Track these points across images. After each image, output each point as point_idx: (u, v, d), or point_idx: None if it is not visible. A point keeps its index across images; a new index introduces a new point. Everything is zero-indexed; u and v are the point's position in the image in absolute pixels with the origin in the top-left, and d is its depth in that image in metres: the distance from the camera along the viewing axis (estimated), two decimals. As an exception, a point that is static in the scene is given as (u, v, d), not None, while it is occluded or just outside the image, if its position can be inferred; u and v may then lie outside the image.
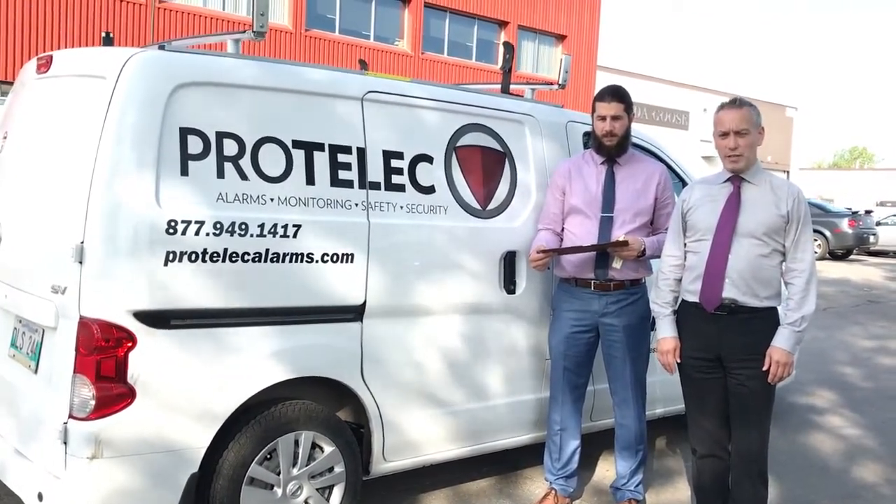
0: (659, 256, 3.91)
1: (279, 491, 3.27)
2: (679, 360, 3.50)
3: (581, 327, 3.94)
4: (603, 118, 3.87)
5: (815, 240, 20.96)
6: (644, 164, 4.00)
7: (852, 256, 23.07)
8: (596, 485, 4.45)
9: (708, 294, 3.37)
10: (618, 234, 3.82)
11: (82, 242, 2.84)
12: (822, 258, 21.47)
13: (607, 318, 3.91)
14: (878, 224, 23.97)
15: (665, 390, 4.57)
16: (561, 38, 29.14)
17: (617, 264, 3.83)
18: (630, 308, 3.91)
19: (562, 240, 3.98)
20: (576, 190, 3.93)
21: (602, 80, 31.38)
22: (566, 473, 4.08)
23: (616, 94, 3.89)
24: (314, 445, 3.37)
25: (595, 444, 4.67)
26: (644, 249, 3.81)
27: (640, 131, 4.92)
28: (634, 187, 3.90)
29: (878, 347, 9.02)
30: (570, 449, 4.05)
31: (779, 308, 3.42)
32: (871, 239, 22.46)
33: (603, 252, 3.84)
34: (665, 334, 3.54)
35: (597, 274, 3.88)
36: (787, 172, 43.51)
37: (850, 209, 23.95)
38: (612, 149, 3.89)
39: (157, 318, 2.92)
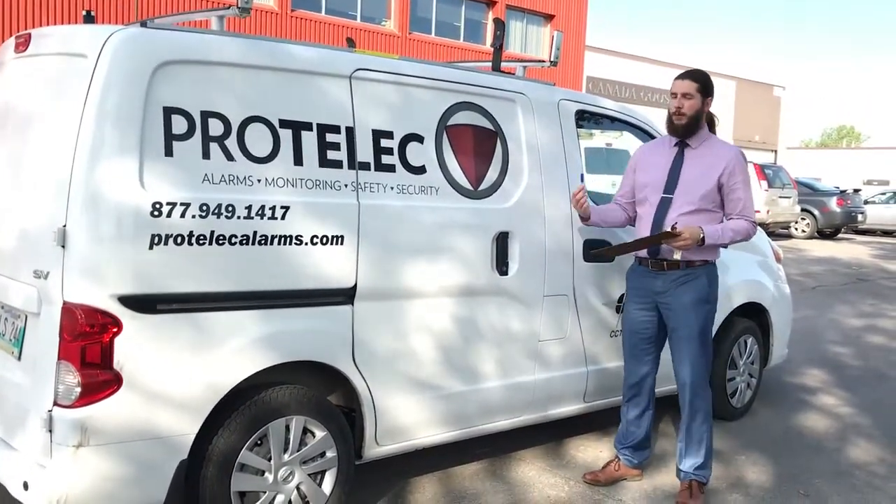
0: (726, 244, 3.97)
1: (270, 477, 3.23)
2: None
3: (641, 306, 4.04)
4: (675, 95, 3.89)
5: (804, 218, 21.35)
6: (716, 148, 3.95)
7: (840, 235, 23.18)
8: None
9: None
10: (671, 219, 3.84)
11: (65, 226, 2.77)
12: (810, 237, 21.58)
13: (662, 297, 3.96)
14: (866, 202, 24.08)
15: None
16: (549, 17, 29.00)
17: (677, 255, 3.85)
18: (684, 288, 3.90)
19: (628, 218, 4.17)
20: (645, 171, 4.04)
21: (590, 60, 31.35)
22: (630, 444, 4.19)
23: (692, 74, 3.93)
24: (305, 430, 3.32)
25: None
26: (703, 238, 3.77)
27: (632, 109, 4.89)
28: (699, 170, 3.89)
29: (867, 326, 9.05)
30: (634, 421, 4.16)
31: None
32: (860, 217, 22.57)
33: (656, 244, 3.88)
34: None
35: (650, 252, 3.95)
36: (775, 152, 43.64)
37: (838, 188, 24.02)
38: (681, 129, 3.90)
39: (143, 303, 2.86)
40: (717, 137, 4.01)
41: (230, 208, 3.02)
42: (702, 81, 3.88)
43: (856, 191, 23.55)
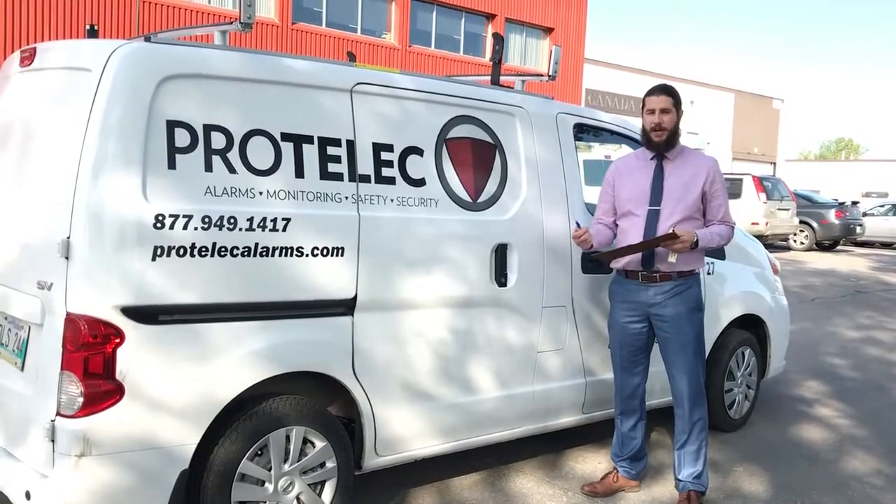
0: (714, 247, 4.06)
1: (270, 487, 3.24)
2: None
3: (632, 318, 4.04)
4: (652, 111, 3.94)
5: (802, 230, 21.38)
6: (694, 158, 4.03)
7: (839, 247, 23.19)
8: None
9: None
10: (665, 227, 3.87)
11: (68, 237, 2.80)
12: (809, 249, 21.60)
13: (655, 309, 3.98)
14: (865, 215, 24.11)
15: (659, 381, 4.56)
16: (548, 30, 29.11)
17: (672, 258, 3.88)
18: (677, 298, 3.96)
19: (615, 235, 4.12)
20: (625, 186, 4.06)
21: (589, 73, 31.43)
22: (627, 455, 4.21)
23: (665, 89, 3.99)
24: (305, 441, 3.34)
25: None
26: (697, 241, 3.85)
27: (630, 122, 4.93)
28: (682, 180, 3.95)
29: (865, 338, 9.06)
30: (630, 433, 4.17)
31: None
32: (858, 230, 22.59)
33: (655, 247, 3.89)
34: None
35: (643, 264, 3.96)
36: (774, 164, 43.71)
37: (836, 200, 24.05)
38: (661, 144, 3.95)
39: (146, 314, 2.89)
40: (687, 147, 4.10)
41: (232, 220, 3.06)
42: (675, 95, 3.99)
43: (854, 203, 23.58)
